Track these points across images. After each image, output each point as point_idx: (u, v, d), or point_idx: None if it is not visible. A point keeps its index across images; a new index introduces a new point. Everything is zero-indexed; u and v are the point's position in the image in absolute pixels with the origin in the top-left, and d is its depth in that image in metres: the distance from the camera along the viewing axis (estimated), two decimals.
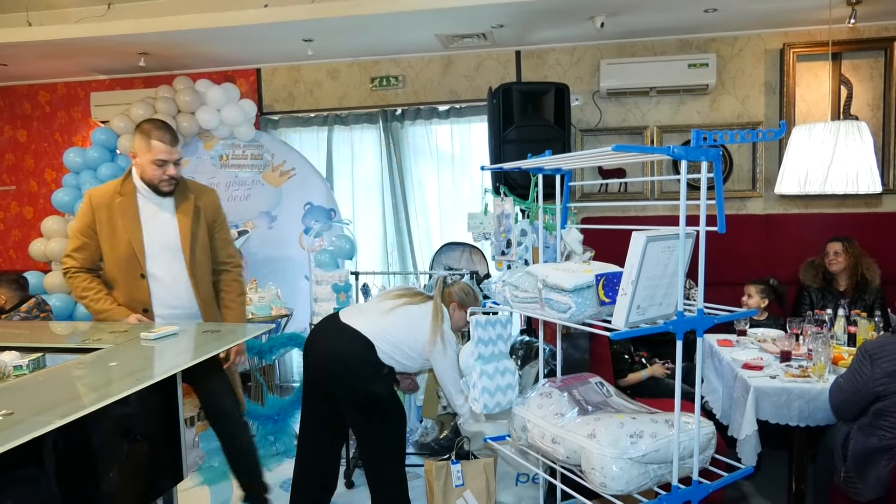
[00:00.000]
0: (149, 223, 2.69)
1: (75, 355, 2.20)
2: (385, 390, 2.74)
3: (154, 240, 2.68)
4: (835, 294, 3.91)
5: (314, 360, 2.76)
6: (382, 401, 2.70)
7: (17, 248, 5.83)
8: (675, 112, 4.87)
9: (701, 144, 1.77)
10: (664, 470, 1.91)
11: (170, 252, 2.70)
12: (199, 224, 2.76)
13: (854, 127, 3.51)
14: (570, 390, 2.17)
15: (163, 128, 2.64)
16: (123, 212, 2.66)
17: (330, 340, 2.72)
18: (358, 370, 2.65)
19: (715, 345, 3.39)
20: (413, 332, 2.69)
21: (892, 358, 2.37)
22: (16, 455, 1.41)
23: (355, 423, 2.74)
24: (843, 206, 4.64)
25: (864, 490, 2.40)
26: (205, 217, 2.80)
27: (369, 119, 5.31)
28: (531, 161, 2.34)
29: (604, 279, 1.92)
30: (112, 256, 2.69)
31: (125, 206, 2.66)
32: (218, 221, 2.88)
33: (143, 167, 2.65)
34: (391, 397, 2.77)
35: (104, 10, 4.66)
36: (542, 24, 4.43)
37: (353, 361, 2.65)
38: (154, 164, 2.62)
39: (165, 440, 2.29)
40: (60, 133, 5.71)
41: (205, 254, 2.81)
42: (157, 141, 2.60)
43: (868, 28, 4.53)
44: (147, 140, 2.61)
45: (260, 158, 5.07)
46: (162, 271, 2.71)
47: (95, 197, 2.71)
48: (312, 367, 2.77)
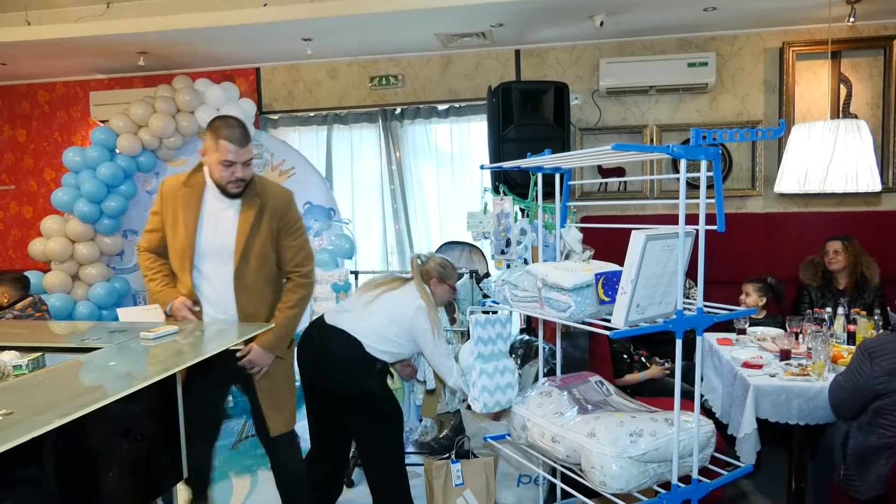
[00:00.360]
0: (209, 220, 2.50)
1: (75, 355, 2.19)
2: (380, 387, 2.75)
3: (209, 238, 2.50)
4: (834, 292, 3.91)
5: (306, 367, 2.77)
6: (378, 398, 2.71)
7: (17, 247, 5.83)
8: (674, 111, 4.87)
9: (700, 143, 1.78)
10: (664, 468, 1.91)
11: (222, 254, 2.50)
12: (260, 229, 2.51)
13: (853, 125, 3.52)
14: (569, 389, 2.17)
15: (234, 126, 2.42)
16: (185, 204, 2.50)
17: (319, 345, 2.73)
18: (350, 369, 2.65)
19: (715, 343, 3.39)
20: (396, 317, 2.66)
21: (891, 356, 2.37)
22: (15, 455, 1.41)
23: (354, 424, 2.74)
24: (842, 205, 4.64)
25: (863, 488, 2.41)
26: (270, 221, 2.53)
27: (369, 118, 5.31)
28: (531, 160, 2.34)
29: (603, 278, 1.92)
30: (171, 247, 2.56)
31: (188, 199, 2.50)
32: (287, 227, 2.58)
33: (211, 167, 2.46)
34: (386, 395, 2.77)
35: (103, 9, 4.66)
36: (542, 23, 4.42)
37: (343, 362, 2.65)
38: (221, 164, 2.40)
39: (165, 440, 2.28)
40: (60, 132, 5.71)
41: (261, 262, 2.53)
42: (225, 140, 2.38)
43: (867, 27, 4.53)
44: (215, 139, 2.40)
45: (259, 158, 5.07)
46: (211, 271, 2.53)
47: (166, 186, 2.58)
48: (306, 374, 2.78)
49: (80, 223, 4.62)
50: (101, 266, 4.78)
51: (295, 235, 2.60)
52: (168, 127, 4.72)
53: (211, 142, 2.42)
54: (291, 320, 2.58)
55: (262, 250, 2.51)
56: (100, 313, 4.67)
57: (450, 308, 3.71)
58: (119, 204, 4.71)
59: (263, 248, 2.52)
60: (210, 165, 2.46)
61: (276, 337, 2.52)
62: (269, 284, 2.58)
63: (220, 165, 2.40)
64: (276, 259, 2.57)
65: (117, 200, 4.70)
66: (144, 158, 4.82)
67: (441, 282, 2.83)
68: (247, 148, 2.43)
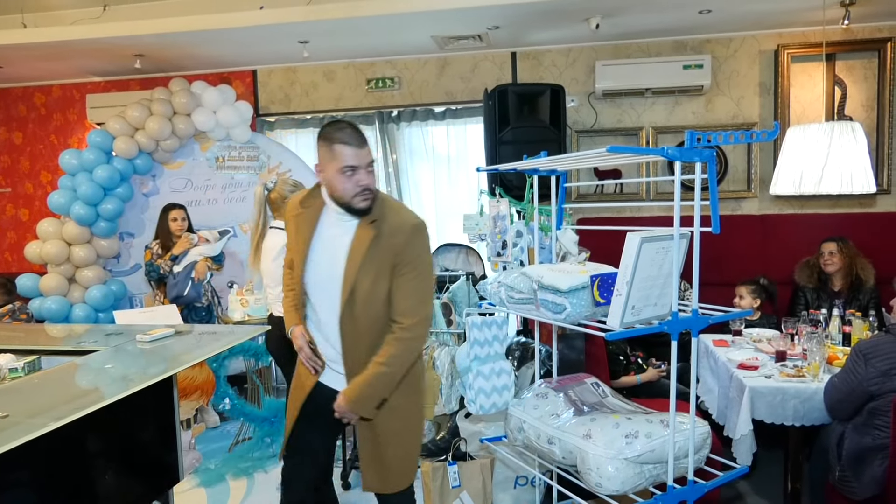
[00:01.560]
0: (321, 247, 2.17)
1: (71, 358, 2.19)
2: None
3: (318, 268, 2.16)
4: (829, 294, 3.93)
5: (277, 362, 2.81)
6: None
7: (13, 250, 5.82)
8: (670, 113, 4.88)
9: (695, 145, 1.78)
10: (660, 470, 1.91)
11: (330, 288, 2.13)
12: (374, 258, 2.08)
13: (848, 127, 3.53)
14: (565, 391, 2.18)
15: (345, 127, 2.09)
16: (299, 228, 2.20)
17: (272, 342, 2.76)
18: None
19: (710, 345, 3.40)
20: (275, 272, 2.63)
21: (885, 357, 2.38)
22: (11, 457, 1.41)
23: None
24: (837, 207, 4.65)
25: (858, 489, 2.41)
26: (386, 253, 2.09)
27: (365, 120, 5.32)
28: (527, 162, 2.34)
29: (599, 280, 1.93)
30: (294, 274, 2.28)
31: (303, 222, 2.20)
32: (404, 263, 2.10)
33: (332, 182, 2.08)
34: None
35: (99, 11, 4.65)
36: (538, 26, 4.44)
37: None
38: (342, 174, 2.04)
39: (162, 442, 2.28)
40: (56, 135, 5.71)
41: (370, 302, 2.11)
42: (341, 144, 2.03)
43: (861, 29, 4.55)
44: (328, 146, 2.05)
45: (256, 160, 5.08)
46: (319, 305, 2.21)
47: (289, 205, 2.30)
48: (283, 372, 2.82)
49: (76, 226, 4.61)
50: (97, 269, 4.77)
51: (411, 275, 2.11)
52: (164, 129, 4.72)
53: (325, 152, 2.07)
54: (379, 379, 2.11)
55: (372, 287, 2.09)
56: (96, 316, 4.67)
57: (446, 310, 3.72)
58: (115, 206, 4.71)
59: (374, 284, 2.09)
60: (330, 181, 2.09)
61: (358, 392, 2.10)
62: (377, 329, 2.14)
63: (342, 176, 2.04)
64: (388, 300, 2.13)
65: (114, 203, 4.70)
66: (141, 161, 4.82)
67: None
68: (366, 149, 2.09)
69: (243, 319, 3.97)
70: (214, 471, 3.67)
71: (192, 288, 4.13)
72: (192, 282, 4.12)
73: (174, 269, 4.15)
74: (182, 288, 4.12)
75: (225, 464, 3.77)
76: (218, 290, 4.81)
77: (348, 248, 2.10)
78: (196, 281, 4.14)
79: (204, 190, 5.05)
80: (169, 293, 4.17)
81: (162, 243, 4.31)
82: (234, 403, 3.92)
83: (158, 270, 4.21)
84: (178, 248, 4.20)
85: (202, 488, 3.51)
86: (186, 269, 4.14)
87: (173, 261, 4.17)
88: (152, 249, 4.29)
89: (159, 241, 4.32)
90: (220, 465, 3.74)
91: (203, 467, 3.69)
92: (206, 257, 4.21)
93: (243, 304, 4.01)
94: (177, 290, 4.11)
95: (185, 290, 4.12)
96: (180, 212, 4.36)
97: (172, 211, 4.35)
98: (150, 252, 4.29)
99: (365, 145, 2.08)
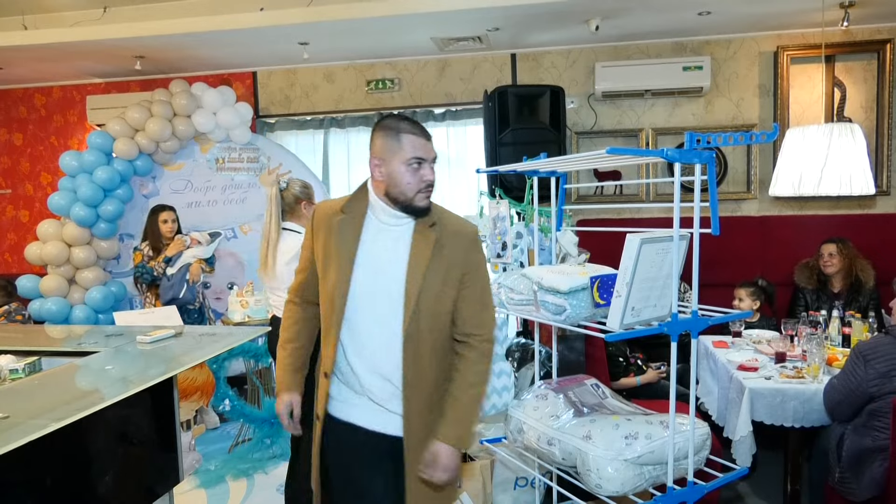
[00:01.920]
0: (370, 257, 1.86)
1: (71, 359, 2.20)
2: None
3: (368, 276, 1.84)
4: (829, 295, 3.93)
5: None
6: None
7: (13, 251, 5.82)
8: (669, 114, 4.89)
9: (695, 147, 1.79)
10: (659, 471, 1.92)
11: (387, 300, 1.83)
12: (439, 267, 1.85)
13: (847, 129, 3.53)
14: (565, 392, 2.18)
15: (408, 119, 1.89)
16: (340, 234, 1.88)
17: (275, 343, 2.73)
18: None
19: (710, 346, 3.40)
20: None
21: (885, 359, 2.38)
22: (12, 458, 1.41)
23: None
24: (837, 208, 4.66)
25: (858, 490, 2.42)
26: (450, 259, 1.86)
27: (365, 122, 5.33)
28: (526, 164, 2.35)
29: (598, 281, 1.93)
30: (322, 289, 1.93)
31: (345, 230, 1.88)
32: (471, 272, 1.90)
33: (394, 176, 1.83)
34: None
35: (100, 13, 4.66)
36: (538, 27, 4.44)
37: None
38: (408, 167, 1.82)
39: (162, 443, 2.29)
40: (56, 136, 5.71)
41: (436, 317, 1.85)
42: (409, 134, 1.83)
43: (861, 30, 4.56)
44: (395, 136, 1.83)
45: (256, 161, 5.08)
46: (368, 328, 1.84)
47: (319, 212, 1.98)
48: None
49: (76, 227, 4.62)
50: (97, 270, 4.77)
51: (478, 284, 1.93)
52: (165, 131, 4.73)
53: (388, 142, 1.83)
54: (476, 403, 1.89)
55: (437, 300, 1.85)
56: (96, 317, 4.67)
57: None
58: (115, 208, 4.71)
59: (440, 296, 1.85)
60: (391, 175, 1.83)
61: (463, 428, 1.85)
62: (441, 351, 1.89)
63: (408, 169, 1.82)
64: (451, 315, 1.89)
65: (114, 204, 4.70)
66: (141, 162, 4.83)
67: (309, 203, 2.83)
68: (431, 143, 1.90)
69: (243, 321, 3.97)
70: (214, 472, 3.67)
71: (188, 290, 4.13)
72: (187, 284, 4.12)
73: (168, 272, 4.12)
74: (178, 290, 4.10)
75: (225, 465, 3.77)
76: (218, 291, 4.82)
77: (407, 257, 1.83)
78: (191, 283, 4.13)
79: (204, 191, 5.05)
80: (163, 295, 4.11)
81: (151, 245, 4.23)
82: (234, 404, 3.92)
83: (152, 273, 4.13)
84: (173, 250, 4.13)
85: (202, 489, 3.51)
86: (181, 271, 4.12)
87: (167, 263, 4.13)
88: (143, 251, 4.21)
89: (149, 243, 4.24)
90: (220, 466, 3.74)
91: (203, 468, 3.69)
92: (200, 259, 4.20)
93: (243, 306, 4.01)
94: (173, 293, 4.08)
95: (182, 293, 4.11)
96: (170, 213, 4.29)
97: (163, 213, 4.27)
98: (140, 254, 4.21)
99: (430, 139, 1.88)
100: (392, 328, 1.81)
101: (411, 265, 1.82)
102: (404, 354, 1.80)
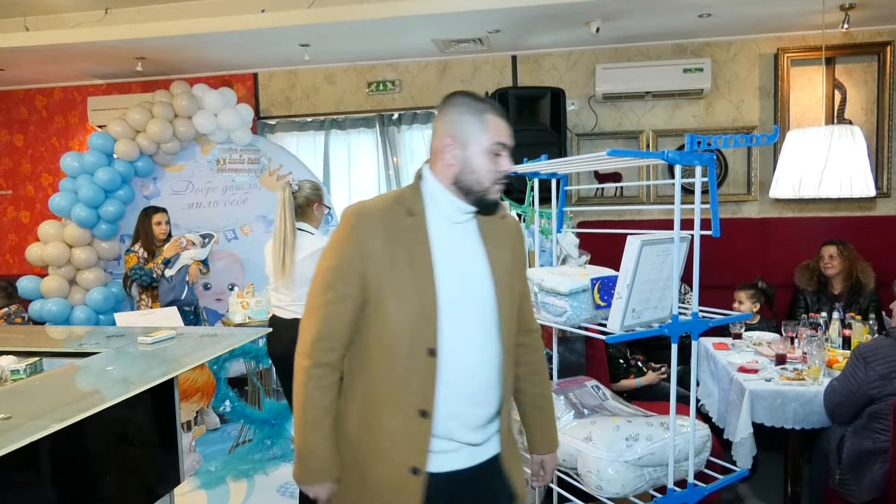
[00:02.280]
0: (447, 263, 1.51)
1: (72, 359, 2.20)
2: None
3: (454, 287, 1.50)
4: (829, 297, 3.93)
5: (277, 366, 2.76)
6: None
7: (14, 252, 5.83)
8: (670, 116, 4.89)
9: (695, 149, 1.79)
10: (660, 473, 1.92)
11: (473, 311, 1.52)
12: (513, 267, 1.62)
13: (848, 131, 3.54)
14: (566, 394, 2.18)
15: (489, 100, 1.59)
16: (412, 240, 1.49)
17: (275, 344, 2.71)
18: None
19: (711, 348, 3.40)
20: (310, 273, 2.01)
21: (885, 361, 2.39)
22: (13, 459, 1.42)
23: None
24: (837, 210, 4.66)
25: (858, 492, 2.42)
26: (514, 255, 1.63)
27: (366, 123, 5.34)
28: (527, 165, 2.35)
29: (599, 283, 1.93)
30: (395, 319, 1.46)
31: (414, 236, 1.50)
32: (524, 265, 1.72)
33: (471, 163, 1.52)
34: None
35: (101, 15, 4.67)
36: (539, 29, 4.45)
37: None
38: (490, 153, 1.52)
39: (163, 444, 2.29)
40: (57, 137, 5.72)
41: (513, 315, 1.61)
42: (497, 116, 1.54)
43: (861, 33, 4.57)
44: (480, 116, 1.52)
45: (257, 163, 5.08)
46: (456, 344, 1.49)
47: (364, 219, 1.49)
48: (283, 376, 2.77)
49: (77, 228, 4.62)
50: (98, 271, 4.78)
51: (525, 276, 1.73)
52: (166, 132, 4.73)
53: (471, 123, 1.52)
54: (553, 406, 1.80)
55: (512, 304, 1.61)
56: (97, 318, 4.67)
57: None
58: (116, 209, 4.71)
59: (514, 299, 1.62)
60: (468, 161, 1.52)
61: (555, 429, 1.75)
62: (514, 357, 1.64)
63: (489, 156, 1.53)
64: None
65: (115, 205, 4.71)
66: (142, 163, 4.84)
67: (320, 204, 2.83)
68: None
69: (244, 322, 3.97)
70: (215, 473, 3.67)
71: (189, 291, 4.14)
72: (187, 285, 4.13)
73: (166, 273, 4.12)
74: (179, 291, 4.10)
75: (225, 466, 3.77)
76: (218, 292, 4.82)
77: (486, 259, 1.56)
78: (190, 284, 4.14)
79: (205, 192, 5.06)
80: (164, 297, 4.10)
81: (145, 247, 4.21)
82: (234, 405, 3.92)
83: (151, 275, 4.10)
84: (170, 252, 4.12)
85: (203, 490, 3.52)
86: (181, 272, 4.12)
87: (166, 265, 4.13)
88: (138, 254, 4.17)
89: (141, 245, 4.21)
90: (220, 468, 3.74)
91: (204, 469, 3.69)
92: (197, 260, 4.20)
93: (244, 307, 4.01)
94: (174, 294, 4.08)
95: (183, 294, 4.11)
96: (164, 215, 4.28)
97: (156, 214, 4.25)
98: (135, 256, 4.16)
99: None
100: (488, 346, 1.52)
101: (495, 269, 1.55)
102: (503, 373, 1.54)
